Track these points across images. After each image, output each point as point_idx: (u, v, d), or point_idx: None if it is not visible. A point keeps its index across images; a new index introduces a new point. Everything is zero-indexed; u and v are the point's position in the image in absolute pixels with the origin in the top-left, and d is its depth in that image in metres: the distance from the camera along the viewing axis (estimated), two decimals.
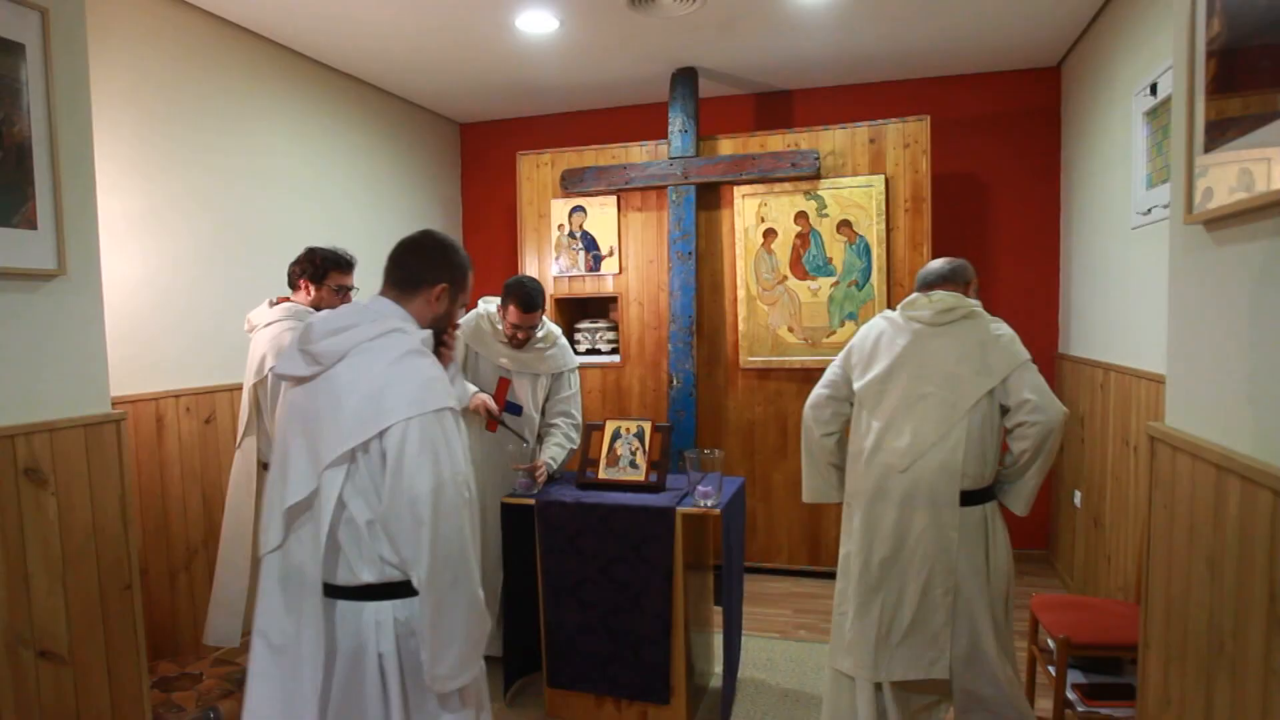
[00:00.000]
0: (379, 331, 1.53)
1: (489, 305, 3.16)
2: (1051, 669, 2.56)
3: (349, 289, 2.94)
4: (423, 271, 1.63)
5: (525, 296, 2.93)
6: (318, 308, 2.86)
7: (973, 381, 2.28)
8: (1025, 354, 2.30)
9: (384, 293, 1.64)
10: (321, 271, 2.84)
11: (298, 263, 2.87)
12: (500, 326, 3.06)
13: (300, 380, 1.56)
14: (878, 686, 2.42)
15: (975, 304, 2.40)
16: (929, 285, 2.47)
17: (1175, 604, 1.60)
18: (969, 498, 2.31)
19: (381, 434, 1.45)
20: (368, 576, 1.51)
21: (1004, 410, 2.31)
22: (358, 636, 1.52)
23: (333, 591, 1.53)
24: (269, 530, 1.56)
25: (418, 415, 1.45)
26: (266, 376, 2.72)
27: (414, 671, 1.54)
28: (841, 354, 2.56)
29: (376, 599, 1.53)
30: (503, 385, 3.05)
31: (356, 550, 1.50)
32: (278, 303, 2.86)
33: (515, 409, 3.05)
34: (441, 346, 1.73)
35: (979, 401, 2.28)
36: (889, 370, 2.39)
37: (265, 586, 1.57)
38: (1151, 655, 1.74)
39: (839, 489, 2.59)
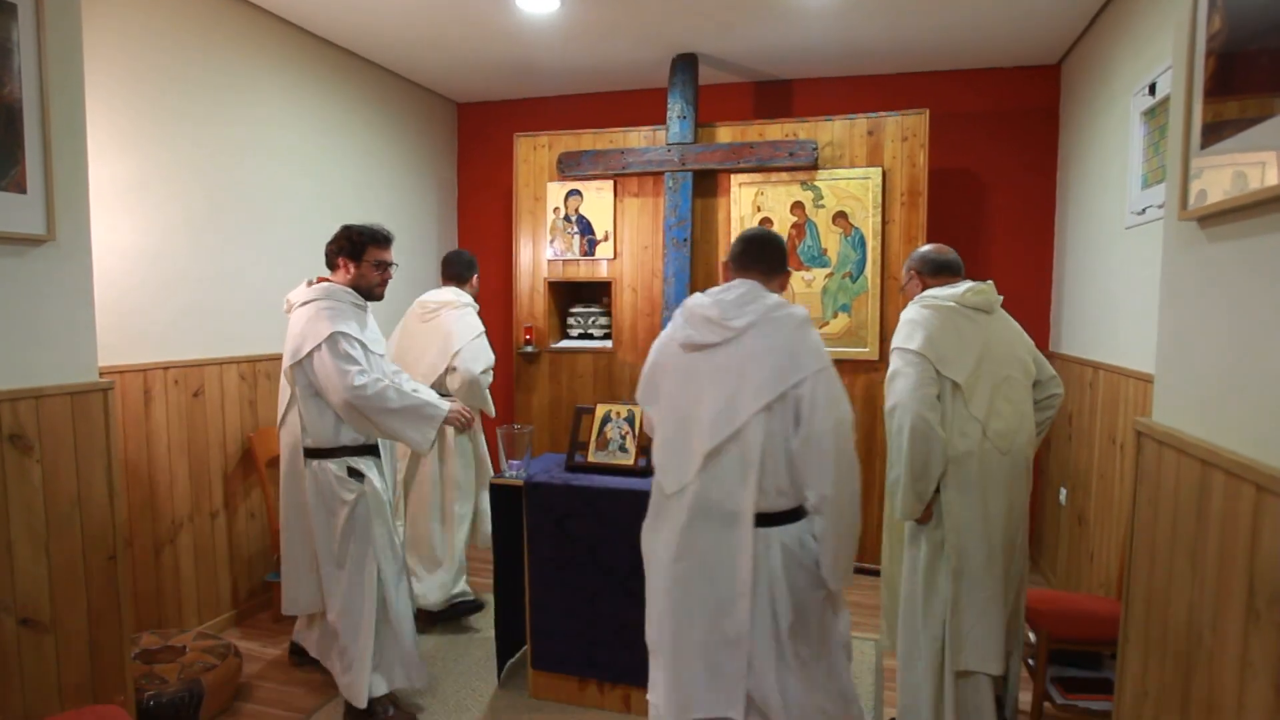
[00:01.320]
0: (774, 304, 1.90)
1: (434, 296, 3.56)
2: (1032, 662, 2.59)
3: (388, 264, 2.84)
4: (781, 261, 2.03)
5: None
6: (357, 286, 2.77)
7: (1028, 360, 2.43)
8: None
9: (751, 277, 1.97)
10: (359, 248, 2.76)
11: (334, 241, 2.79)
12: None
13: (700, 347, 1.90)
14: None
15: None
16: (957, 273, 2.52)
17: (1156, 596, 1.62)
18: None
19: (796, 385, 1.81)
20: (764, 505, 1.85)
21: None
22: (753, 555, 1.85)
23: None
24: (675, 472, 1.91)
25: (822, 369, 1.83)
26: (304, 359, 2.64)
27: (797, 590, 1.86)
28: (916, 349, 2.33)
29: (769, 525, 1.86)
30: None
31: (759, 482, 1.83)
32: (316, 283, 2.79)
33: None
34: None
35: None
36: (980, 359, 2.37)
37: (677, 517, 1.90)
38: (1131, 647, 1.75)
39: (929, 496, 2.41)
